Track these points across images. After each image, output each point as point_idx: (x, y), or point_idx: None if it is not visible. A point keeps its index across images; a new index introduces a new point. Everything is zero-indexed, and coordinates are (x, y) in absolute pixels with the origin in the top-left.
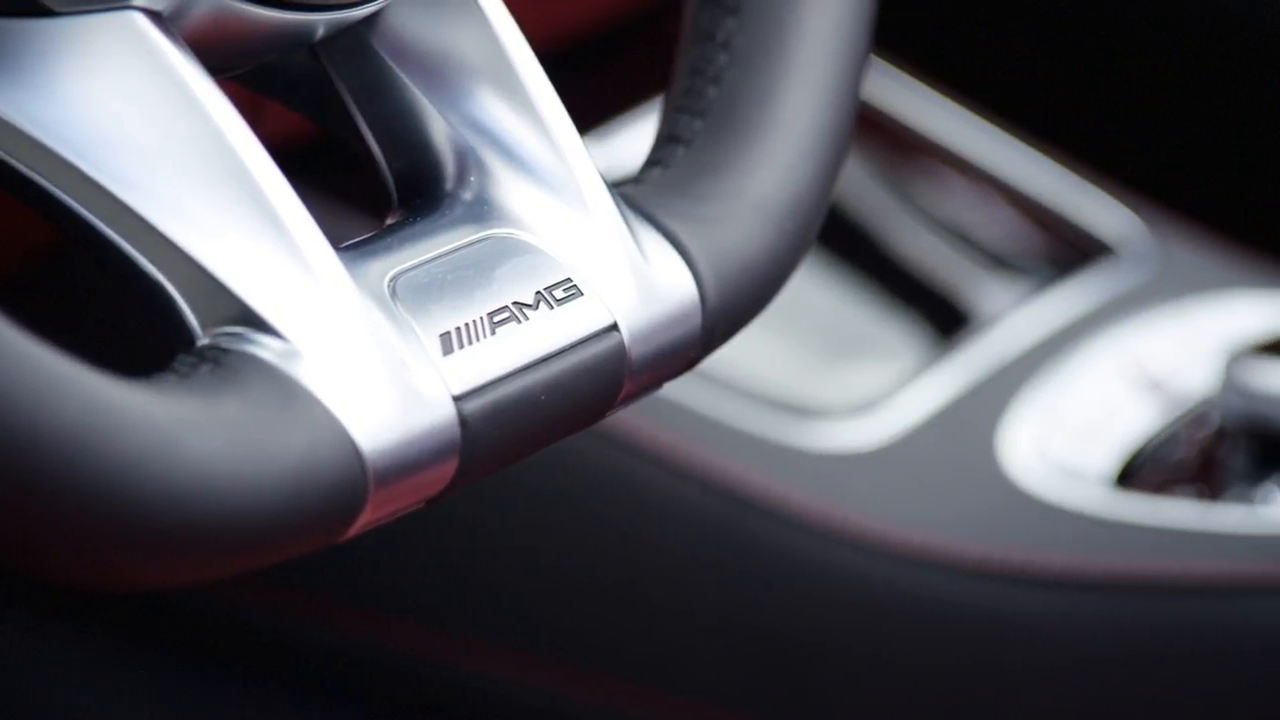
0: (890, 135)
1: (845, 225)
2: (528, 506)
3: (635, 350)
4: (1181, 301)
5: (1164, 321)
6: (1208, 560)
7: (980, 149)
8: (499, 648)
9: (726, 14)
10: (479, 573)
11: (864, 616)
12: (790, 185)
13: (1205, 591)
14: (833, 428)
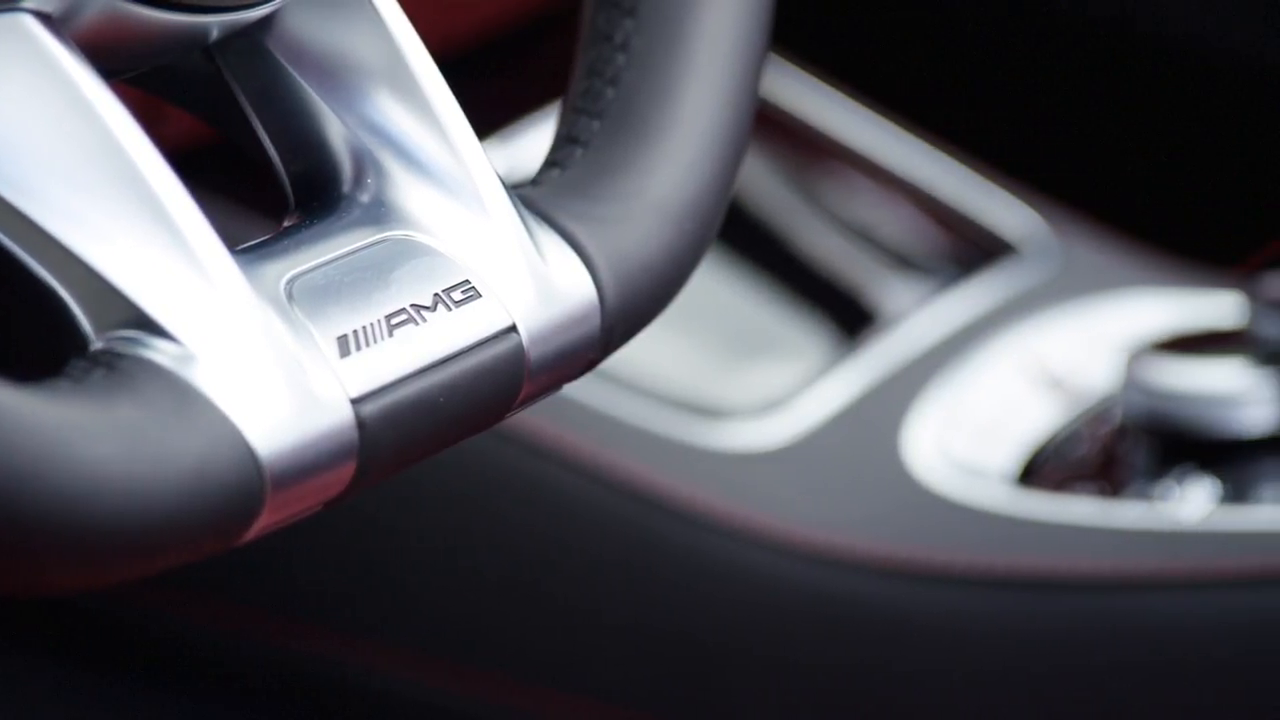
0: (796, 135)
1: (751, 225)
2: (432, 508)
3: (534, 351)
4: (1083, 300)
5: (1066, 320)
6: (1108, 557)
7: (884, 149)
8: (403, 649)
9: (624, 15)
10: (383, 574)
11: (769, 616)
12: (689, 185)
13: (1106, 587)
14: (738, 427)
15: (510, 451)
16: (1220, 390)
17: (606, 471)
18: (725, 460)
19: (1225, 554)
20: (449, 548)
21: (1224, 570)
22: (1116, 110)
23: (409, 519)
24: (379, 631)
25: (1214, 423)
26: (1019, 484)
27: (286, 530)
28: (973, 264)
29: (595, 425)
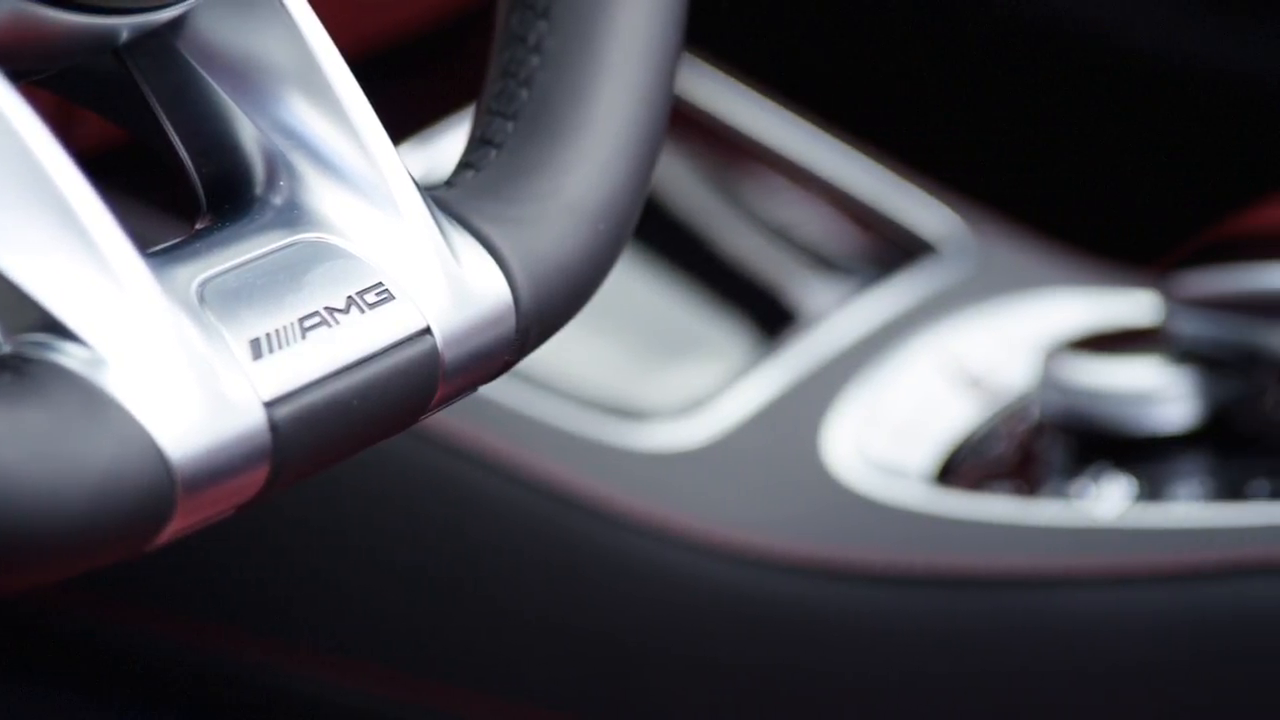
0: (716, 136)
1: (672, 226)
2: (351, 509)
3: (449, 353)
4: (1000, 299)
5: (983, 319)
6: (1025, 554)
7: (803, 149)
8: (321, 651)
9: (537, 17)
10: (300, 576)
11: (689, 615)
12: (603, 186)
13: (1023, 584)
14: (658, 428)
15: (429, 452)
16: (1136, 388)
17: (525, 472)
18: (645, 460)
19: (1140, 550)
20: (367, 549)
21: (1139, 567)
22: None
23: (327, 520)
24: (297, 634)
25: (1130, 420)
26: (937, 482)
27: (203, 533)
28: (891, 264)
29: (514, 426)
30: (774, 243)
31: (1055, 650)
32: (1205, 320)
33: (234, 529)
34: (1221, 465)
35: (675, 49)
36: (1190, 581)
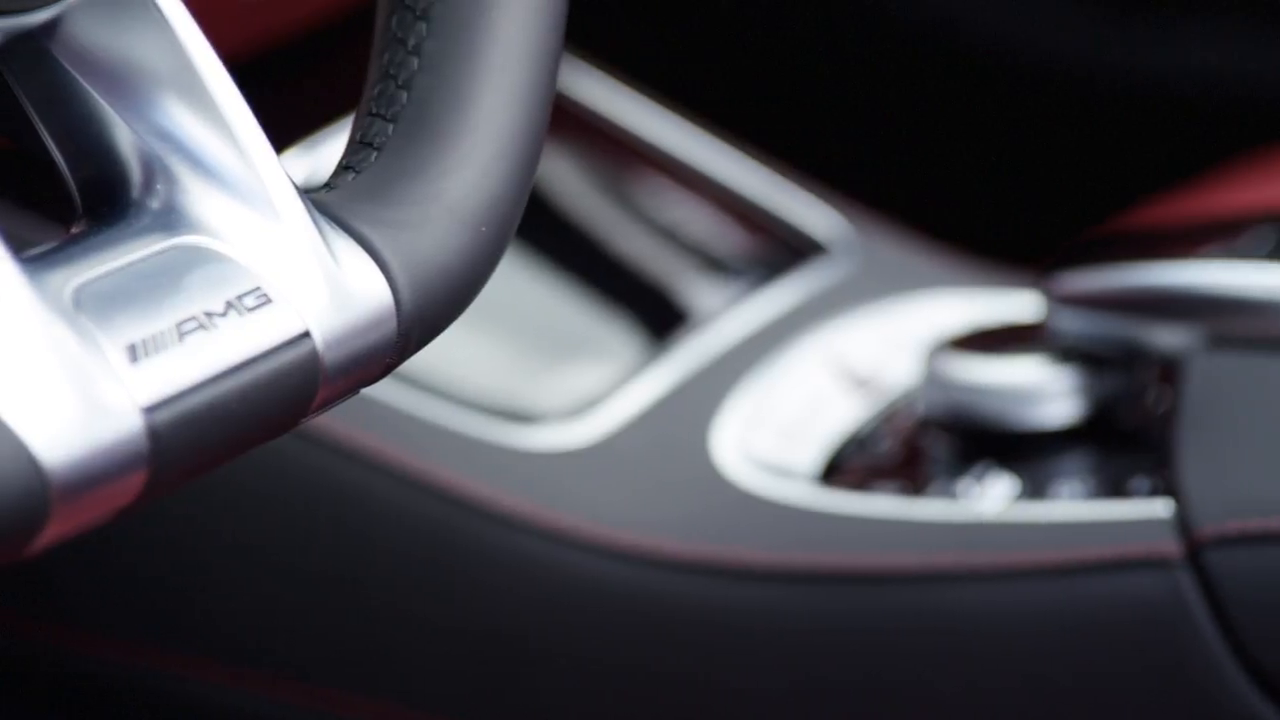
0: (603, 138)
1: (561, 228)
2: (240, 511)
3: (329, 356)
4: (885, 299)
5: (869, 319)
6: (911, 550)
7: (688, 151)
8: (211, 656)
9: (417, 19)
10: (188, 580)
11: (579, 615)
12: (484, 188)
13: (909, 580)
14: (547, 429)
15: (318, 455)
16: (1018, 385)
17: (414, 474)
18: (534, 460)
19: (1024, 546)
20: (256, 552)
21: (1023, 562)
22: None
23: (215, 523)
24: (187, 639)
25: (1012, 417)
26: (823, 481)
27: (88, 537)
28: (778, 265)
29: (404, 428)
30: (663, 244)
31: (941, 645)
32: (1086, 318)
33: (119, 534)
34: (1103, 461)
35: (555, 51)
36: (1072, 576)
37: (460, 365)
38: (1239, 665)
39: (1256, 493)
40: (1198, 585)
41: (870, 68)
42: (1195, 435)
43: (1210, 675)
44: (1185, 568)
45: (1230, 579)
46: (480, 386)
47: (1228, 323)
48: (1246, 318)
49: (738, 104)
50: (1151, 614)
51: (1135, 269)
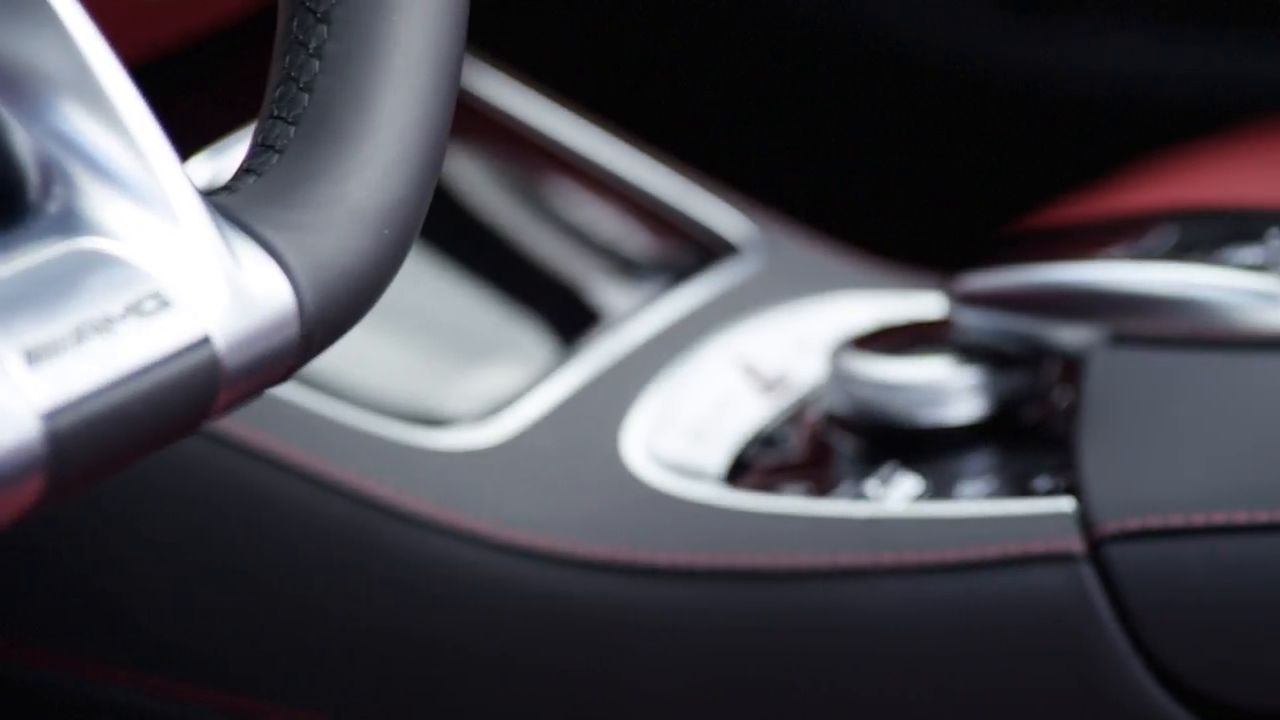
0: (511, 140)
1: (471, 230)
2: (145, 514)
3: (230, 360)
4: (793, 301)
5: (777, 320)
6: (817, 548)
7: (595, 153)
8: (112, 660)
9: (318, 21)
10: (91, 583)
11: (489, 614)
12: (387, 190)
13: (815, 577)
14: (456, 431)
15: (225, 455)
16: (923, 384)
17: (321, 474)
18: (442, 460)
19: (929, 543)
20: (163, 554)
21: (928, 558)
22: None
23: (119, 526)
24: (91, 644)
25: (917, 415)
26: (731, 480)
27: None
28: (688, 267)
29: (311, 429)
30: (573, 246)
31: (848, 641)
32: (990, 317)
33: (18, 537)
34: (1008, 458)
35: (457, 53)
36: (977, 571)
37: (370, 368)
38: (1140, 659)
39: (1156, 488)
40: (1099, 581)
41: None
42: (1096, 432)
43: (1113, 669)
44: (1087, 564)
45: (1130, 575)
46: (390, 389)
47: (1130, 321)
48: (1148, 315)
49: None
50: (1055, 609)
51: (1039, 268)
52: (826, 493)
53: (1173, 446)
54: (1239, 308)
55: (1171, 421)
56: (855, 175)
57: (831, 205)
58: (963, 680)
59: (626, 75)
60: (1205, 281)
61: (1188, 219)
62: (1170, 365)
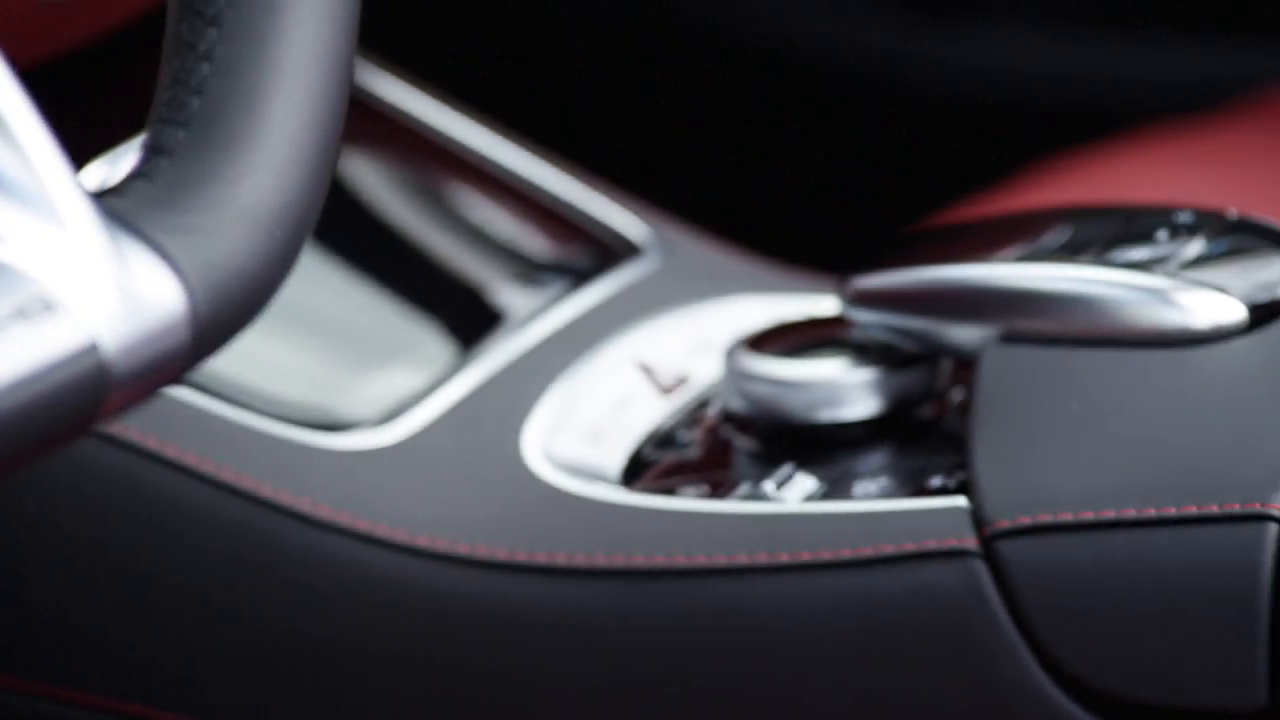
0: (413, 143)
1: (371, 233)
2: (35, 517)
3: (119, 363)
4: (694, 301)
5: (677, 320)
6: (715, 546)
7: (495, 155)
8: (5, 670)
9: (207, 24)
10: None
11: (388, 615)
12: (278, 192)
13: (713, 574)
14: (355, 433)
15: (122, 459)
16: (819, 382)
17: (220, 478)
18: (340, 462)
19: (825, 540)
20: (55, 558)
21: (824, 556)
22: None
23: (13, 528)
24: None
25: (813, 414)
26: (630, 480)
27: None
28: (589, 268)
29: (210, 433)
30: (473, 248)
31: (744, 639)
32: (885, 316)
33: None
34: (903, 457)
35: (348, 55)
36: (872, 568)
37: (271, 372)
38: (1032, 654)
39: (1046, 485)
40: (992, 577)
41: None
42: (988, 430)
43: (1006, 664)
44: (980, 560)
45: (1021, 571)
46: (290, 393)
47: (1021, 319)
48: (1039, 314)
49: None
50: (949, 605)
51: (932, 268)
52: (724, 492)
53: (1063, 443)
54: (1128, 305)
55: (1062, 419)
56: (755, 177)
57: (732, 208)
58: (859, 676)
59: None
60: (1095, 280)
61: (1080, 219)
62: (1061, 363)
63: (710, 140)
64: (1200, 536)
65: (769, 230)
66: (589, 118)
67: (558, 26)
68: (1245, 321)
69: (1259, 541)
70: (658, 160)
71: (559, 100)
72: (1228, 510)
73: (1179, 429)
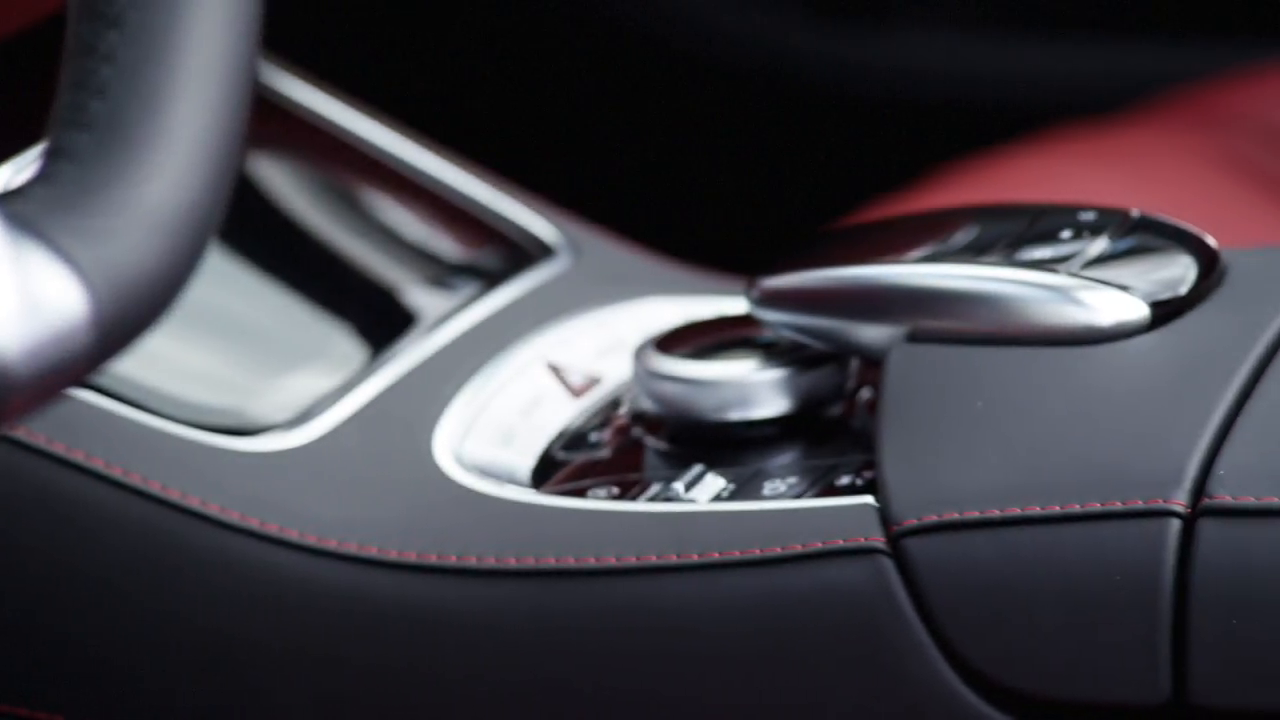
0: (323, 145)
1: (283, 236)
2: None
3: (20, 366)
4: (604, 303)
5: (587, 322)
6: (623, 546)
7: (406, 157)
8: None
9: (108, 26)
10: None
11: (298, 617)
12: (181, 195)
13: (620, 574)
14: (266, 437)
15: (29, 462)
16: (728, 382)
17: (128, 482)
18: (251, 465)
19: (735, 539)
20: None
21: (732, 554)
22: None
23: None
24: None
25: (722, 414)
26: (540, 481)
27: None
28: (501, 270)
29: (118, 437)
30: (385, 250)
31: (655, 638)
32: (794, 316)
33: None
34: (812, 456)
35: (251, 57)
36: (781, 566)
37: (180, 376)
38: (940, 651)
39: (952, 483)
40: (899, 575)
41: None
42: (895, 428)
43: (914, 661)
44: (888, 558)
45: (928, 568)
46: (199, 395)
47: (928, 318)
48: (944, 313)
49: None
50: (857, 604)
51: (841, 268)
52: (634, 492)
53: (969, 441)
54: (1032, 304)
55: (968, 417)
56: (667, 178)
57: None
58: (769, 675)
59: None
60: (1000, 279)
61: (986, 218)
62: (966, 362)
63: (623, 141)
64: (1104, 533)
65: (681, 231)
66: (500, 118)
67: (468, 28)
68: (1148, 319)
69: (1161, 537)
70: (570, 161)
71: (469, 102)
72: (1131, 506)
73: (1083, 426)
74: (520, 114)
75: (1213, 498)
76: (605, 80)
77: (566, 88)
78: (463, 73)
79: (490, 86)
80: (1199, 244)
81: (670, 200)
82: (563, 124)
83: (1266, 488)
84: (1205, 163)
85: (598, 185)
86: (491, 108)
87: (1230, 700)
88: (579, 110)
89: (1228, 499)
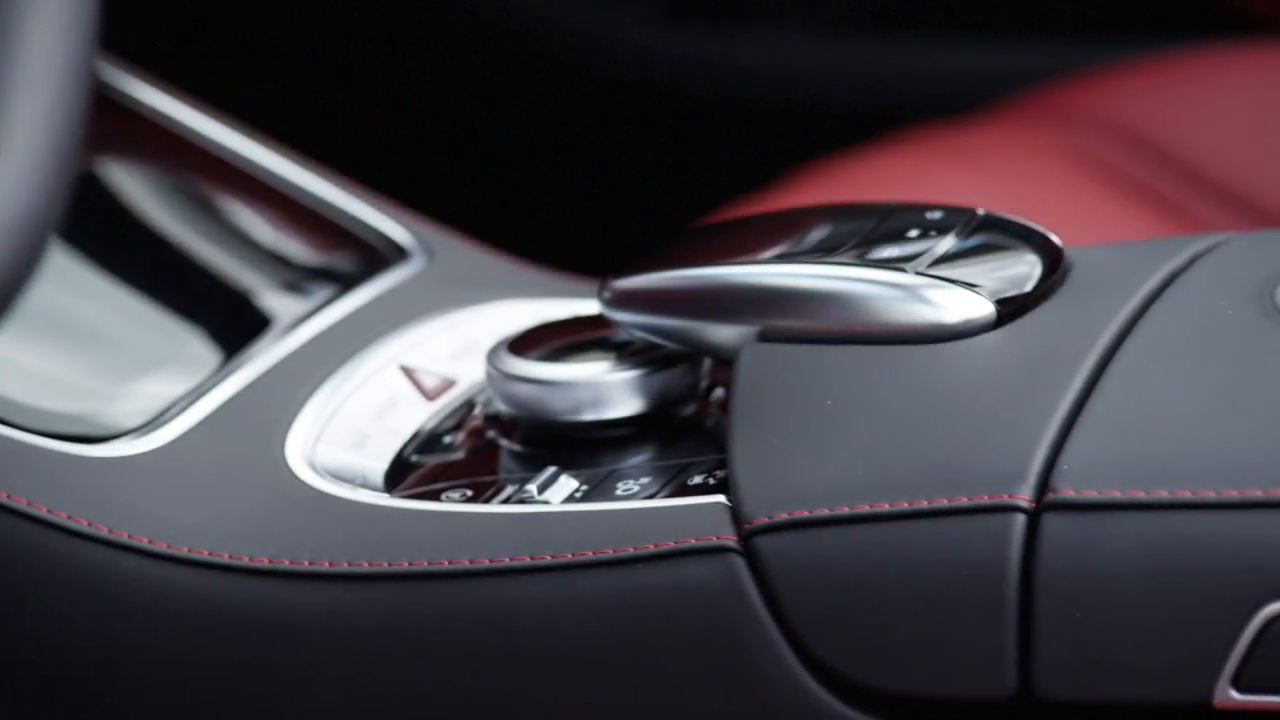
0: (175, 149)
1: (132, 239)
2: None
3: None
4: (458, 305)
5: (441, 324)
6: (477, 548)
7: (257, 160)
8: None
9: None
10: None
11: (154, 626)
12: (15, 201)
13: (475, 575)
14: (115, 443)
15: None
16: (579, 382)
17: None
18: (100, 472)
19: (587, 541)
20: None
21: (585, 555)
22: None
23: None
24: None
25: (574, 414)
26: (393, 485)
27: None
28: (355, 273)
29: None
30: (237, 254)
31: (508, 639)
32: (647, 317)
33: None
34: (665, 456)
35: (87, 64)
36: (634, 566)
37: (26, 381)
38: (792, 648)
39: (803, 481)
40: (751, 573)
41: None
42: (746, 427)
43: (767, 659)
44: (740, 556)
45: (779, 566)
46: (47, 402)
47: (779, 317)
48: (794, 312)
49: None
50: (710, 602)
51: (692, 269)
52: (488, 494)
53: (819, 439)
54: (880, 302)
55: (818, 415)
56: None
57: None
58: (624, 674)
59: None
60: (848, 277)
61: (837, 218)
62: (816, 360)
63: (476, 142)
64: (951, 528)
65: (535, 234)
66: (350, 120)
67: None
68: (993, 316)
69: (1006, 533)
70: (423, 163)
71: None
72: (976, 502)
73: (931, 423)
74: (372, 116)
75: (1057, 493)
76: (458, 81)
77: (418, 88)
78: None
79: (341, 88)
80: (1044, 242)
81: (525, 202)
82: (415, 125)
83: (1109, 482)
84: (1057, 161)
85: (451, 187)
86: (342, 110)
87: (1076, 693)
88: (432, 111)
89: (1071, 494)
